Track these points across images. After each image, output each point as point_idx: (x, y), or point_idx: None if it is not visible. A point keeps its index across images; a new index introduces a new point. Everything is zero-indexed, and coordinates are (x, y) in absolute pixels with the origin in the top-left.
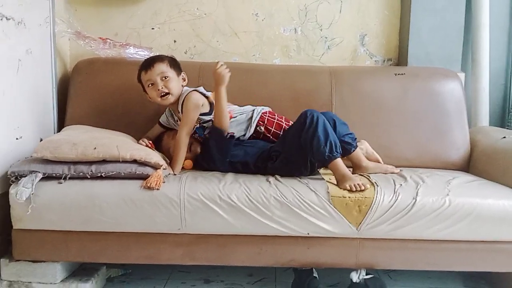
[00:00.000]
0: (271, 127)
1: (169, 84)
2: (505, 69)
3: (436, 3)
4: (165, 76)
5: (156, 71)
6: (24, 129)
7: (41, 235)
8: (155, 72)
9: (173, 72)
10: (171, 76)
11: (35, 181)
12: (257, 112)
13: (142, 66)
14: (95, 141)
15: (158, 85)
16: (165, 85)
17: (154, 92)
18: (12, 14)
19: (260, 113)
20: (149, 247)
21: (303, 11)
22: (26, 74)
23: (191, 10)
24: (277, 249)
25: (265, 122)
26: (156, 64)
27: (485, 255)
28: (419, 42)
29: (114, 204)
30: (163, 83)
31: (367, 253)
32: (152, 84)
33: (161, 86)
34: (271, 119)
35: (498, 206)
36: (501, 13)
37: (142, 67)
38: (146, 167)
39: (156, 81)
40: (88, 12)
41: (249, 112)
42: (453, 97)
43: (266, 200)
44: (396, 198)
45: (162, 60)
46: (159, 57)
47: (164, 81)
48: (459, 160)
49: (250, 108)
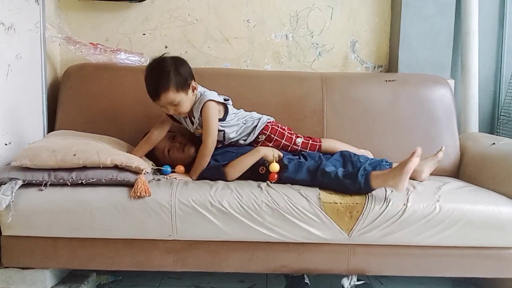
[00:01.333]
0: (274, 135)
1: (180, 109)
2: (494, 75)
3: (426, 10)
4: (175, 104)
5: (163, 101)
6: (13, 134)
7: (30, 241)
8: (163, 102)
9: (182, 94)
10: (180, 99)
11: (14, 188)
12: (262, 122)
13: (148, 93)
14: (75, 147)
15: (169, 110)
16: (175, 109)
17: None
18: (2, 19)
19: (265, 123)
20: (140, 254)
21: (294, 18)
22: (15, 79)
23: (183, 16)
24: (269, 255)
25: (269, 130)
26: (163, 95)
27: (475, 260)
28: (409, 49)
29: (104, 210)
30: (173, 109)
31: (358, 259)
32: (164, 107)
33: (172, 112)
34: (274, 127)
35: (488, 212)
36: (490, 20)
37: (148, 94)
38: (127, 173)
39: (166, 107)
40: (79, 17)
41: (255, 120)
42: (443, 104)
43: (257, 206)
44: (387, 204)
45: (167, 89)
46: (163, 86)
47: (175, 107)
48: (449, 166)
49: (257, 115)
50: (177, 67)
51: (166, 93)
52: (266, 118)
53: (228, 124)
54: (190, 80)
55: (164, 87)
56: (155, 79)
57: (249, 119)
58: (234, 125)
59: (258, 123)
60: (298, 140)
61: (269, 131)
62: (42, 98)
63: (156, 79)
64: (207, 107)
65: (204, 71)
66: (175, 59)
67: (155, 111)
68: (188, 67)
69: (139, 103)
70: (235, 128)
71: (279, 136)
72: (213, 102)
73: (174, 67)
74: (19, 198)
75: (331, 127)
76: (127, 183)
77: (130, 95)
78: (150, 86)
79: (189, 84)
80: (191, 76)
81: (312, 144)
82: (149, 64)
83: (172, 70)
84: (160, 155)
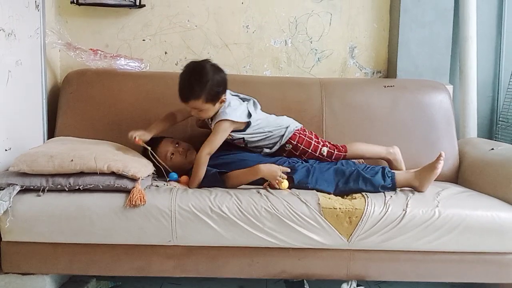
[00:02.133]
0: (301, 144)
1: (202, 114)
2: (493, 81)
3: (424, 17)
4: (199, 110)
5: (190, 106)
6: (14, 140)
7: (30, 247)
8: (190, 106)
9: (209, 105)
10: (206, 108)
11: (12, 194)
12: (289, 131)
13: (179, 92)
14: (72, 153)
15: (191, 112)
16: (198, 114)
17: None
18: (2, 26)
19: (292, 131)
20: (140, 259)
21: (293, 24)
22: (15, 85)
23: (182, 22)
24: (268, 261)
25: (296, 140)
26: (192, 102)
27: (474, 266)
28: (407, 54)
29: (104, 216)
30: (196, 112)
31: (358, 265)
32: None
33: (193, 114)
34: (302, 136)
35: (487, 218)
36: (488, 26)
37: (179, 94)
38: (124, 179)
39: (191, 109)
40: (79, 23)
41: (282, 129)
42: (442, 109)
43: (257, 211)
44: (387, 210)
45: (198, 98)
46: (195, 94)
47: (199, 112)
48: (447, 171)
49: (285, 123)
50: (215, 79)
51: (195, 101)
52: (293, 127)
53: (248, 133)
54: (221, 94)
55: (196, 96)
56: (190, 84)
57: (276, 129)
58: (256, 133)
59: (285, 132)
60: (324, 149)
61: (296, 141)
62: (42, 104)
63: (191, 85)
64: (219, 124)
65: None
66: (216, 69)
67: (154, 117)
68: (224, 80)
69: (139, 109)
70: (258, 136)
71: (306, 146)
72: (228, 122)
73: (212, 79)
74: (17, 204)
75: (330, 133)
76: (125, 189)
77: (130, 101)
78: (183, 88)
79: (220, 97)
80: (224, 89)
81: (337, 155)
82: (190, 66)
83: (209, 81)
84: (162, 159)
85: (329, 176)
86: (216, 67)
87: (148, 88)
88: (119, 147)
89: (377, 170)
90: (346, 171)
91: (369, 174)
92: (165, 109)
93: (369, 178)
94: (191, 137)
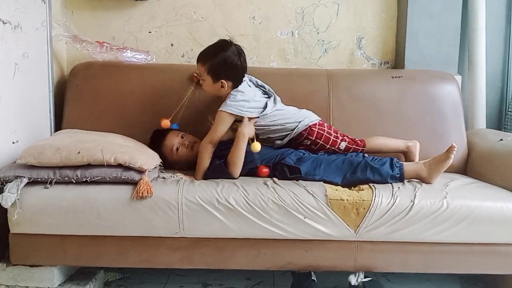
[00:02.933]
0: (320, 140)
1: (203, 84)
2: (502, 71)
3: (433, 6)
4: (202, 77)
5: (198, 68)
6: (21, 133)
7: (38, 239)
8: (197, 68)
9: (208, 77)
10: (205, 80)
11: (20, 186)
12: (303, 124)
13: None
14: (79, 145)
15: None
16: (201, 81)
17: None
18: (9, 18)
19: (306, 126)
20: (147, 251)
21: (300, 15)
22: (22, 78)
23: (188, 13)
24: (275, 253)
25: (314, 135)
26: (198, 63)
27: (483, 257)
28: (415, 45)
29: (111, 208)
30: (201, 79)
31: (365, 256)
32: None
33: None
34: (320, 131)
35: (496, 209)
36: (497, 16)
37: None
38: (131, 172)
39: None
40: (85, 15)
41: (295, 123)
42: (450, 100)
43: (264, 203)
44: (394, 201)
45: (203, 63)
46: (203, 59)
47: (201, 81)
48: (456, 162)
49: (300, 117)
50: (225, 59)
51: (200, 65)
52: (308, 121)
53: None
54: (223, 76)
55: (202, 60)
56: (207, 50)
57: (289, 122)
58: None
59: (298, 125)
60: (342, 144)
61: (314, 136)
62: (49, 97)
63: (207, 51)
64: (218, 114)
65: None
66: (235, 54)
67: (161, 108)
68: (233, 67)
69: (146, 101)
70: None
71: (325, 141)
72: (225, 113)
73: (222, 57)
74: (25, 196)
75: (337, 124)
76: (132, 181)
77: (137, 93)
78: (203, 50)
79: (219, 78)
80: (229, 76)
81: (355, 149)
82: (221, 40)
83: (219, 57)
84: (168, 152)
85: (336, 167)
86: (236, 53)
87: (155, 80)
88: (126, 139)
89: (385, 161)
90: (354, 162)
91: (377, 164)
92: (172, 101)
93: (377, 167)
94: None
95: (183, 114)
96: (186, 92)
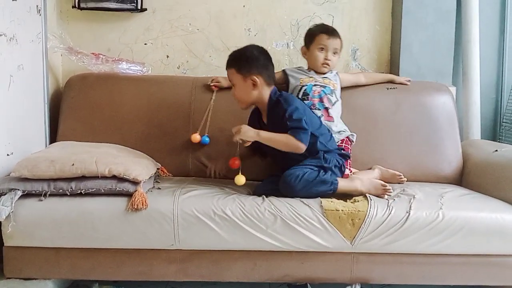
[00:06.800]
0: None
1: (235, 91)
2: (496, 82)
3: (427, 18)
4: (233, 83)
5: (228, 75)
6: (15, 145)
7: (32, 252)
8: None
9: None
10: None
11: (14, 199)
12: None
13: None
14: (73, 157)
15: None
16: (233, 89)
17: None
18: (4, 30)
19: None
20: (142, 264)
21: (295, 26)
22: (17, 89)
23: (184, 25)
24: (272, 264)
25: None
26: (227, 69)
27: (479, 268)
28: (410, 56)
29: (106, 220)
30: (233, 90)
31: (361, 268)
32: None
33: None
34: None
35: (491, 220)
36: (491, 27)
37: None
38: (126, 183)
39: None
40: (80, 27)
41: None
42: (445, 111)
43: (260, 214)
44: (390, 212)
45: (230, 64)
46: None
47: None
48: (451, 173)
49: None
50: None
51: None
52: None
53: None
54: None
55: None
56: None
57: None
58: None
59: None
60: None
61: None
62: (44, 109)
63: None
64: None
65: (206, 80)
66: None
67: (156, 120)
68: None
69: (141, 113)
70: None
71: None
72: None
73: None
74: (19, 209)
75: None
76: (127, 193)
77: (132, 105)
78: (330, 27)
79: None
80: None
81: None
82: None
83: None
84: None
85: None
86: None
87: (150, 92)
88: (120, 149)
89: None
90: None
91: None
92: (167, 112)
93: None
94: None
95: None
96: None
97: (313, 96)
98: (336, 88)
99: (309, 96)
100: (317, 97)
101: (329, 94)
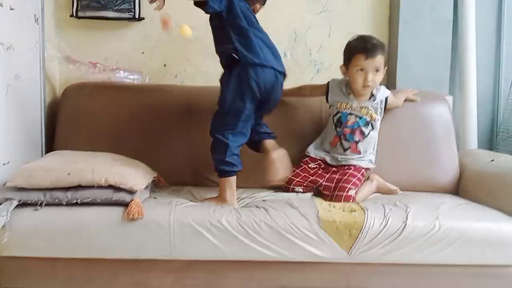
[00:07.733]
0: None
1: (378, 77)
2: (493, 92)
3: (423, 28)
4: (378, 70)
5: (376, 62)
6: (12, 154)
7: (28, 262)
8: (376, 62)
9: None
10: (383, 69)
11: (9, 209)
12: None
13: (364, 48)
14: (69, 166)
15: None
16: (373, 78)
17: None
18: (1, 39)
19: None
20: (138, 274)
21: (293, 36)
22: (14, 98)
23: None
24: (268, 275)
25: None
26: (379, 55)
27: (475, 278)
28: (407, 66)
29: (102, 230)
30: (372, 76)
31: (358, 278)
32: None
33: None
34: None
35: (488, 230)
36: (488, 37)
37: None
38: (122, 193)
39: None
40: (78, 36)
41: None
42: (441, 121)
43: (256, 225)
44: (386, 222)
45: (382, 53)
46: (382, 49)
47: (376, 75)
48: (448, 183)
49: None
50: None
51: (382, 55)
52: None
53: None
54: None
55: (382, 50)
56: (376, 40)
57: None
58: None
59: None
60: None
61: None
62: (41, 118)
63: (377, 42)
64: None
65: (203, 89)
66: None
67: (154, 129)
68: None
69: (138, 122)
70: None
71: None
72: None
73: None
74: (14, 219)
75: None
76: (123, 203)
77: (129, 114)
78: (369, 42)
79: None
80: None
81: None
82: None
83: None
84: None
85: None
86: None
87: (148, 101)
88: (117, 158)
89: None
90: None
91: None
92: (165, 121)
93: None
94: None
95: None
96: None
97: (345, 126)
98: (374, 119)
99: (342, 125)
100: (349, 128)
101: (363, 126)
